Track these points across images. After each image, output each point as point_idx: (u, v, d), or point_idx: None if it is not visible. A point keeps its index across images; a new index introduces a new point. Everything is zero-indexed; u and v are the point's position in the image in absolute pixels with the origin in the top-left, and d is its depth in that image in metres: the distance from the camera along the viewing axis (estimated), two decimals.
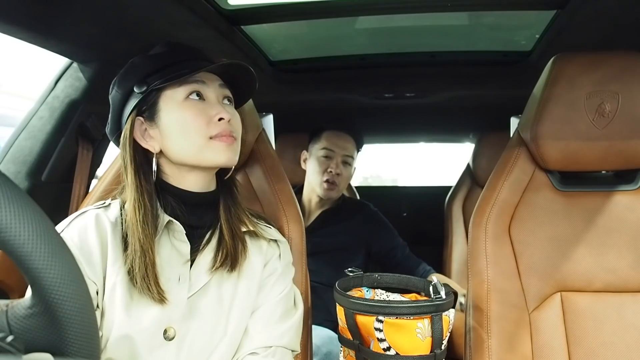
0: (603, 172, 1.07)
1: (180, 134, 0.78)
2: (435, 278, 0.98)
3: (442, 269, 2.10)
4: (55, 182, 1.17)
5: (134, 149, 0.79)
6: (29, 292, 0.44)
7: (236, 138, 0.82)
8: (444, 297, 0.91)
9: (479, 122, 2.25)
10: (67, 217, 0.80)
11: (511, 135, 1.20)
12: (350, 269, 1.06)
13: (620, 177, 1.04)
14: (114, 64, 0.93)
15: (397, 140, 2.93)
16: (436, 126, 2.50)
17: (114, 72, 0.83)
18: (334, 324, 1.40)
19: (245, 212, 0.89)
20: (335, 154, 1.62)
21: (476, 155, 2.11)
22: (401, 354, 0.89)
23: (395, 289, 1.07)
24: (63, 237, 0.44)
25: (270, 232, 0.92)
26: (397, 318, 0.88)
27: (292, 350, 0.86)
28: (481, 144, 2.11)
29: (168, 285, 0.76)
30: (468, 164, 2.20)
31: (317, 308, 1.36)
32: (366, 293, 1.04)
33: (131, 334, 0.73)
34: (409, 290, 1.06)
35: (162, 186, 0.81)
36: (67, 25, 0.95)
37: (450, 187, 2.22)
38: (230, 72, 0.85)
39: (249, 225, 0.87)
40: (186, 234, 0.80)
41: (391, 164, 5.04)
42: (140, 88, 0.78)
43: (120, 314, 0.73)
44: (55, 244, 0.42)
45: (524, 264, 1.00)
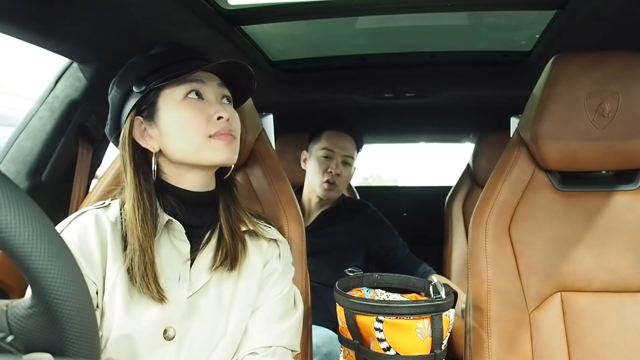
0: (603, 172, 1.07)
1: (179, 133, 0.78)
2: (435, 278, 0.98)
3: (442, 269, 2.10)
4: (55, 182, 1.17)
5: (133, 149, 0.79)
6: (29, 292, 0.44)
7: (235, 137, 0.82)
8: (444, 297, 0.90)
9: (479, 122, 2.25)
10: (67, 217, 0.80)
11: (511, 135, 1.20)
12: (350, 269, 1.06)
13: (620, 177, 1.04)
14: (114, 64, 0.93)
15: (397, 140, 2.93)
16: (436, 126, 2.50)
17: (114, 72, 0.84)
18: (334, 324, 1.40)
19: (245, 212, 0.89)
20: (335, 154, 1.62)
21: (476, 155, 2.11)
22: (401, 354, 0.88)
23: (395, 289, 1.07)
24: (63, 237, 0.44)
25: (270, 231, 0.92)
26: (397, 318, 0.88)
27: (292, 350, 0.86)
28: (481, 144, 2.10)
29: (168, 285, 0.76)
30: (468, 164, 2.20)
31: (317, 308, 1.36)
32: (366, 293, 1.04)
33: (131, 334, 0.73)
34: (409, 290, 1.06)
35: (162, 186, 0.81)
36: (67, 25, 0.95)
37: (450, 187, 2.22)
38: (229, 72, 0.85)
39: (249, 224, 0.87)
40: (186, 233, 0.80)
41: (391, 164, 5.04)
42: (139, 88, 0.78)
43: (120, 314, 0.73)
44: (55, 244, 0.42)
45: (524, 264, 1.00)
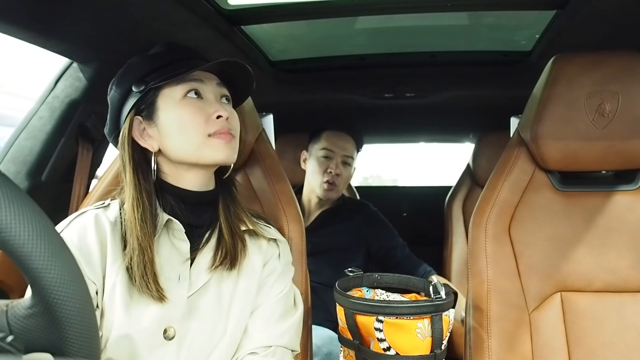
0: (603, 172, 1.07)
1: (178, 132, 0.78)
2: (435, 278, 0.98)
3: (442, 269, 2.10)
4: (55, 182, 1.17)
5: (133, 148, 0.79)
6: (29, 292, 0.44)
7: (234, 136, 0.82)
8: (444, 297, 0.90)
9: (479, 122, 2.25)
10: (67, 217, 0.80)
11: (511, 135, 1.20)
12: (350, 269, 1.06)
13: (620, 177, 1.04)
14: (114, 64, 0.92)
15: (397, 140, 2.93)
16: (436, 126, 2.50)
17: (114, 72, 0.84)
18: (334, 324, 1.39)
19: (245, 211, 0.89)
20: (335, 154, 1.62)
21: (476, 155, 2.11)
22: (401, 354, 0.89)
23: (395, 289, 1.07)
24: (62, 237, 0.44)
25: (270, 231, 0.92)
26: (397, 318, 0.88)
27: (292, 350, 0.86)
28: (481, 144, 2.10)
29: (168, 285, 0.76)
30: (468, 164, 2.20)
31: (317, 308, 1.36)
32: (366, 293, 1.04)
33: (131, 334, 0.73)
34: (409, 290, 1.06)
35: (161, 185, 0.81)
36: (67, 25, 0.95)
37: (450, 187, 2.22)
38: (228, 71, 0.85)
39: (249, 224, 0.87)
40: (185, 232, 0.80)
41: (391, 164, 5.05)
42: (138, 87, 0.78)
43: (120, 314, 0.73)
44: (55, 244, 0.42)
45: (524, 264, 1.00)
